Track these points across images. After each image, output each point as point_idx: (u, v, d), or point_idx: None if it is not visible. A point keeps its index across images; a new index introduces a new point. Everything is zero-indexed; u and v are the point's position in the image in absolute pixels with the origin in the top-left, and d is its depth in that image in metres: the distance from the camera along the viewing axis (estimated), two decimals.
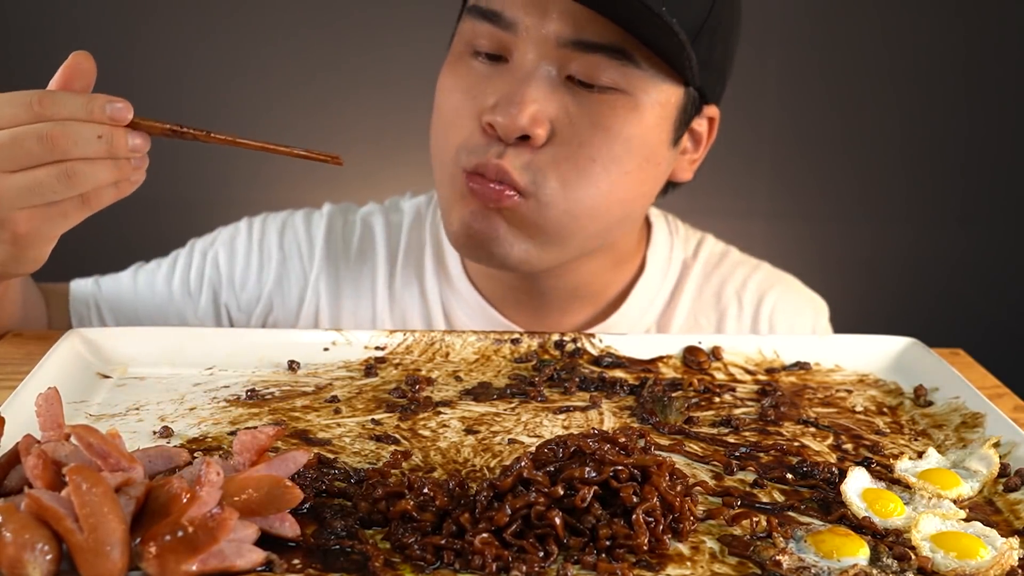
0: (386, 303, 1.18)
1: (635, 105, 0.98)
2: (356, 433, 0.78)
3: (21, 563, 0.53)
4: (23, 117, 0.78)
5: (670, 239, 1.21)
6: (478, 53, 1.00)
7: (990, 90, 2.19)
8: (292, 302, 1.19)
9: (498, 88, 0.98)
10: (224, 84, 2.09)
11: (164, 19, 2.06)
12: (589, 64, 0.96)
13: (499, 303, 1.15)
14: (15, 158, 0.78)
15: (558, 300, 1.14)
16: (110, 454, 0.59)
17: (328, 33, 2.08)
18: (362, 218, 1.22)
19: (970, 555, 0.62)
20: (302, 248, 1.20)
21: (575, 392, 0.88)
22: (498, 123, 0.96)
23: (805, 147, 2.22)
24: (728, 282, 1.21)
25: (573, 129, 0.98)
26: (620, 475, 0.63)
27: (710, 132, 1.10)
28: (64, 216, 0.82)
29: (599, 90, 0.97)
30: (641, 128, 0.99)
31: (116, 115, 0.79)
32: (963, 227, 2.26)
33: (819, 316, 1.24)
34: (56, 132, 0.78)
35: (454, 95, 1.02)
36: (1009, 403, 0.89)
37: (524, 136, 0.96)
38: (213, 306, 1.19)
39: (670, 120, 1.01)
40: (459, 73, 1.02)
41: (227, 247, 1.21)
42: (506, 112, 0.96)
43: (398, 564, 0.60)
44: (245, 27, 2.09)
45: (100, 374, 0.86)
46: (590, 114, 0.97)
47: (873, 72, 2.18)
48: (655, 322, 1.18)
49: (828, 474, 0.73)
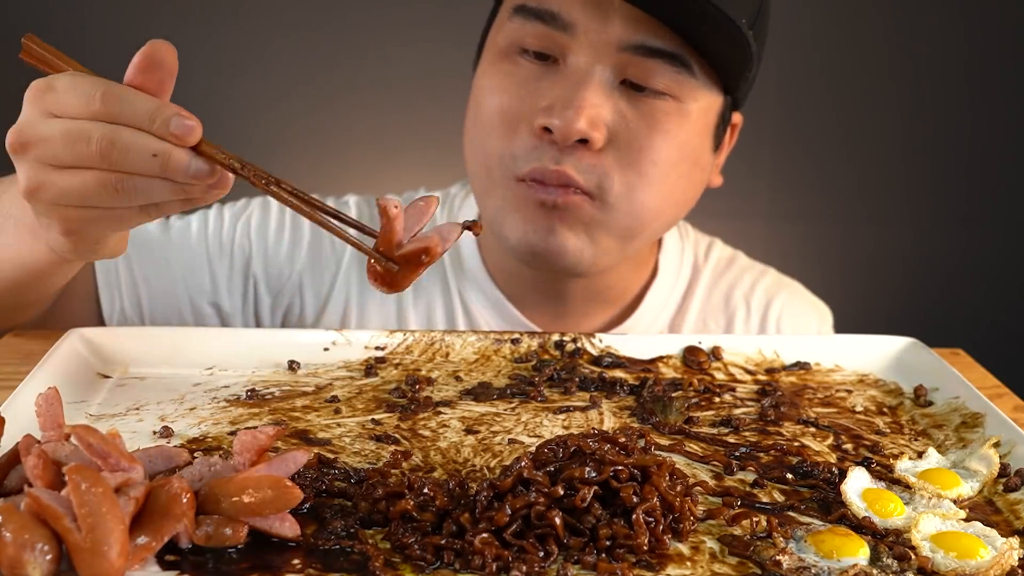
0: (410, 297, 1.16)
1: (685, 111, 0.99)
2: (356, 433, 0.78)
3: (21, 563, 0.53)
4: (83, 110, 0.70)
5: (681, 243, 1.21)
6: (525, 52, 0.99)
7: (990, 90, 2.19)
8: (323, 288, 1.16)
9: (551, 91, 0.96)
10: (224, 84, 2.09)
11: (164, 19, 2.06)
12: (646, 69, 0.96)
13: (519, 302, 1.14)
14: (63, 156, 0.71)
15: (580, 302, 1.14)
16: (110, 454, 0.59)
17: (329, 33, 2.08)
18: None
19: (970, 555, 0.62)
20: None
21: (575, 392, 0.88)
22: (555, 126, 0.94)
23: (805, 147, 2.22)
24: (736, 286, 1.22)
25: (630, 133, 0.97)
26: (620, 475, 0.63)
27: (731, 138, 1.11)
28: (118, 220, 0.75)
29: (652, 95, 0.97)
30: (690, 134, 1.00)
31: (182, 133, 0.69)
32: (963, 227, 2.26)
33: (824, 322, 1.25)
34: (109, 139, 0.69)
35: (500, 96, 1.00)
36: (1009, 403, 0.89)
37: (582, 140, 0.95)
38: (243, 272, 1.14)
39: (712, 127, 1.03)
40: (505, 72, 1.00)
41: (260, 216, 1.16)
42: (563, 115, 0.94)
43: (398, 564, 0.60)
44: (246, 27, 2.09)
45: (100, 374, 0.86)
46: (645, 117, 0.98)
47: (873, 72, 2.18)
48: (667, 325, 1.18)
49: (828, 474, 0.73)
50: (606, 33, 0.95)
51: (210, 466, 0.63)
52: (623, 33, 0.95)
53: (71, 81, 0.71)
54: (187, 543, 0.59)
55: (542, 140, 0.97)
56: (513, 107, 0.98)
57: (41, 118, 0.71)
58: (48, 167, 0.72)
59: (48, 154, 0.71)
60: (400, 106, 2.05)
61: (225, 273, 1.14)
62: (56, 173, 0.72)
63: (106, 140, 0.69)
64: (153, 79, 0.71)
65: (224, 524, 0.59)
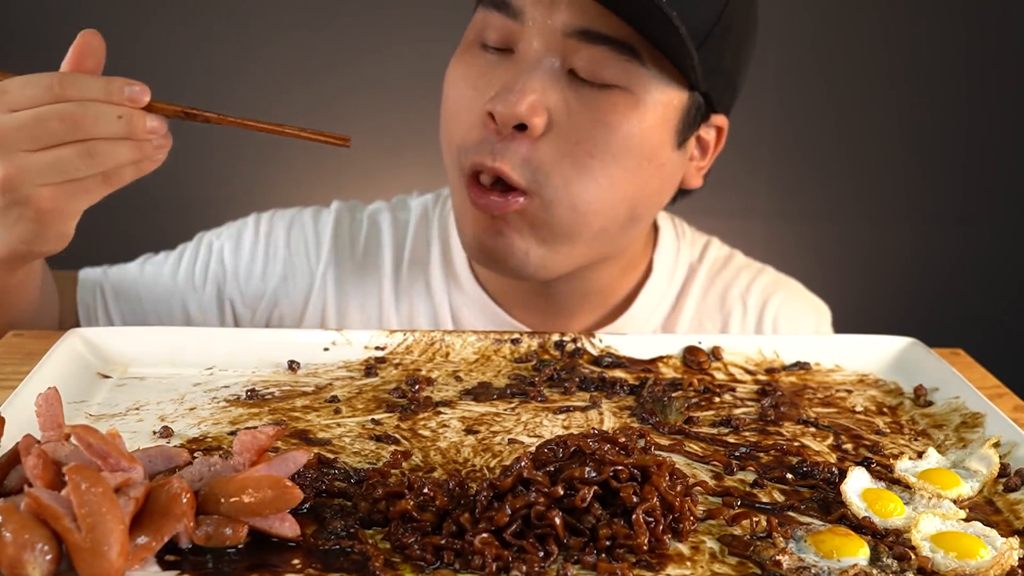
0: (392, 301, 1.17)
1: (636, 103, 0.98)
2: (356, 433, 0.78)
3: (21, 563, 0.53)
4: (45, 97, 0.81)
5: (676, 242, 1.21)
6: (486, 45, 1.00)
7: (990, 90, 2.19)
8: (298, 299, 1.18)
9: (502, 78, 0.97)
10: (225, 84, 2.09)
11: (165, 19, 2.06)
12: (594, 58, 0.96)
13: (506, 303, 1.15)
14: (38, 137, 0.81)
15: (567, 303, 1.14)
16: (110, 454, 0.59)
17: (331, 32, 2.08)
18: (369, 216, 1.22)
19: (970, 555, 0.62)
20: (309, 245, 1.20)
21: (575, 392, 0.88)
22: (496, 111, 0.95)
23: (805, 147, 2.22)
24: (733, 285, 1.21)
25: (572, 123, 0.97)
26: (620, 475, 0.63)
27: (718, 141, 1.09)
28: (87, 192, 0.85)
29: (601, 86, 0.97)
30: (641, 127, 0.99)
31: (134, 97, 0.83)
32: (963, 227, 2.26)
33: (822, 321, 1.24)
34: (78, 112, 0.81)
35: (460, 86, 1.01)
36: (1009, 403, 0.89)
37: (522, 126, 0.96)
38: (217, 300, 1.18)
39: (672, 122, 1.01)
40: (466, 62, 1.02)
41: (234, 241, 1.20)
42: (505, 100, 0.95)
43: (398, 564, 0.60)
44: (246, 26, 2.09)
45: (100, 374, 0.86)
46: (590, 108, 0.97)
47: (873, 72, 2.18)
48: (661, 325, 1.18)
49: (828, 474, 0.73)
50: (552, 19, 0.96)
51: (210, 466, 0.63)
52: (569, 19, 0.95)
53: (23, 80, 0.82)
54: (187, 543, 0.59)
55: (488, 130, 0.98)
56: (468, 96, 1.00)
57: (3, 116, 0.82)
58: (22, 153, 0.82)
59: (20, 141, 0.82)
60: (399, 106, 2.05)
61: (197, 305, 1.18)
62: (32, 156, 0.82)
63: (77, 112, 0.81)
64: (89, 65, 0.85)
65: (224, 524, 0.59)
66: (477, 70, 1.00)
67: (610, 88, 0.97)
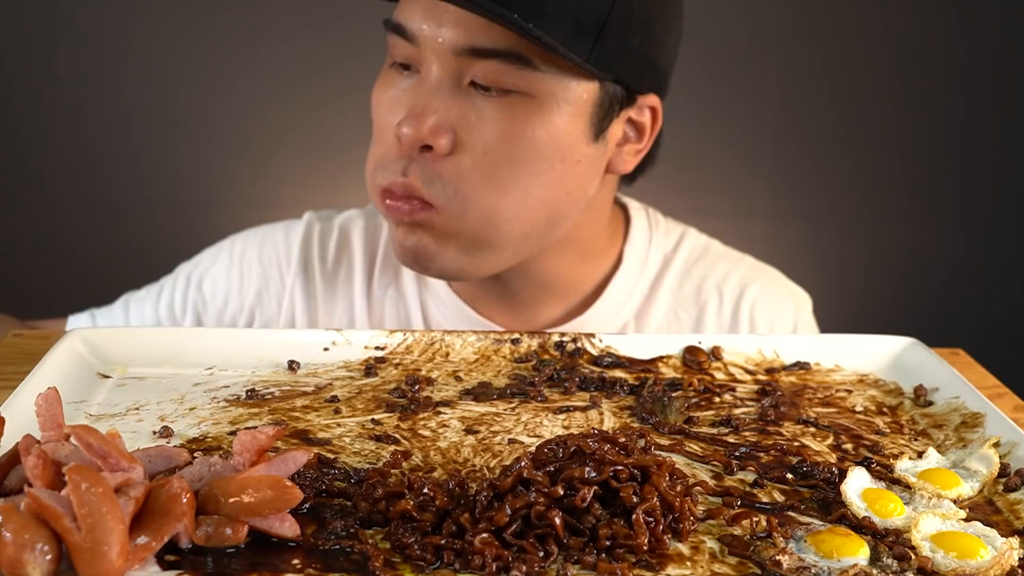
0: (364, 306, 1.19)
1: (539, 107, 0.98)
2: (356, 433, 0.78)
3: (21, 563, 0.53)
4: None
5: (649, 233, 1.20)
6: (396, 65, 1.03)
7: (990, 90, 2.19)
8: (272, 311, 1.20)
9: (408, 101, 1.00)
10: (224, 84, 2.09)
11: (162, 19, 2.06)
12: (489, 70, 0.97)
13: (474, 302, 1.16)
14: None
15: (529, 296, 1.14)
16: (110, 454, 0.59)
17: (328, 35, 2.08)
18: (340, 223, 1.23)
19: (970, 555, 0.62)
20: (280, 258, 1.21)
21: (575, 392, 0.88)
22: (402, 134, 0.98)
23: (805, 147, 2.22)
24: (709, 276, 1.20)
25: (478, 136, 0.99)
26: (620, 475, 0.63)
27: (654, 122, 1.09)
28: None
29: (500, 94, 0.98)
30: (548, 129, 0.99)
31: None
32: (963, 227, 2.26)
33: (801, 309, 1.23)
34: None
35: (379, 108, 1.04)
36: (1009, 403, 0.89)
37: (428, 147, 0.98)
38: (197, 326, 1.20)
39: (584, 116, 1.01)
40: (383, 84, 1.04)
41: (210, 267, 1.22)
42: (410, 123, 0.98)
43: (398, 564, 0.60)
44: (243, 28, 2.09)
45: (100, 374, 0.86)
46: (493, 120, 0.98)
47: (873, 72, 2.18)
48: (633, 316, 1.17)
49: (828, 474, 0.73)
50: (441, 39, 0.97)
51: (210, 466, 0.63)
52: (455, 38, 0.96)
53: None
54: (187, 543, 0.59)
55: (400, 151, 1.00)
56: (384, 119, 1.03)
57: None
58: None
59: None
60: None
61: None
62: None
63: None
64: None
65: (224, 524, 0.59)
66: (391, 92, 1.03)
67: (510, 95, 0.98)
